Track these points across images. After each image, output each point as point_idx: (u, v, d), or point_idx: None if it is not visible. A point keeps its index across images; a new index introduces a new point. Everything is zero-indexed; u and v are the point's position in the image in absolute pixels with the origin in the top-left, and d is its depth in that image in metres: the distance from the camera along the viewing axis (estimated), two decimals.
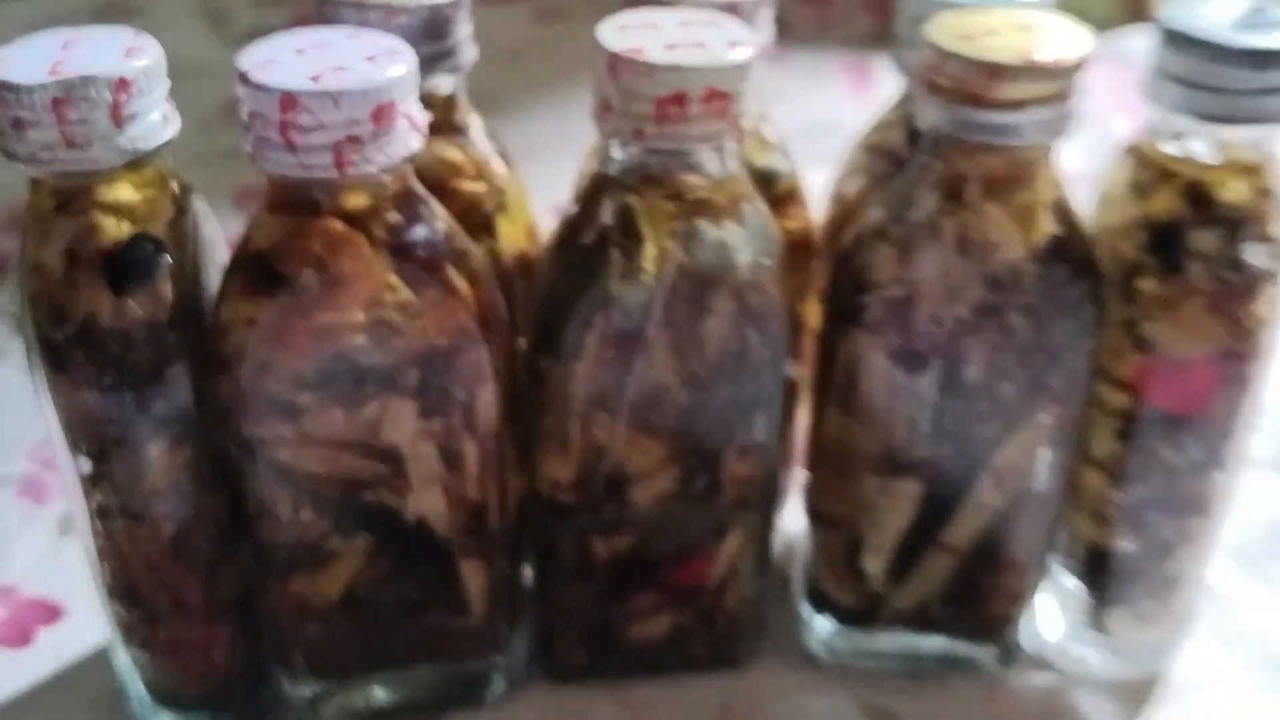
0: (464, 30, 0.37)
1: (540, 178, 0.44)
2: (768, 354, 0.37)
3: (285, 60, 0.31)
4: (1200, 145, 0.35)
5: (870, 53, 0.87)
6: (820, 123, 0.42)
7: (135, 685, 0.40)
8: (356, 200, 0.33)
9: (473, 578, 0.39)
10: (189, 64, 0.45)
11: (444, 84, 0.37)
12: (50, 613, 0.46)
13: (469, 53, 0.38)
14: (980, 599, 0.42)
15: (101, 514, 0.36)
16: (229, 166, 0.51)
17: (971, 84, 0.33)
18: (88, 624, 0.45)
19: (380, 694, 0.41)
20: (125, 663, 0.40)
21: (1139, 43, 0.42)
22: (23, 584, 0.47)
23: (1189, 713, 0.42)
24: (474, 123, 0.39)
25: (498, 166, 0.39)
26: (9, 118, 0.32)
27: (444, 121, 0.38)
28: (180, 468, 0.36)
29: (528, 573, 0.42)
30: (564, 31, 0.90)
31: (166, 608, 0.38)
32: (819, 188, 0.44)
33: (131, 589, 0.38)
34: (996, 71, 0.32)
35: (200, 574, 0.37)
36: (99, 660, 0.43)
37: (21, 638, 0.45)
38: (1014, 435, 0.38)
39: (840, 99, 0.81)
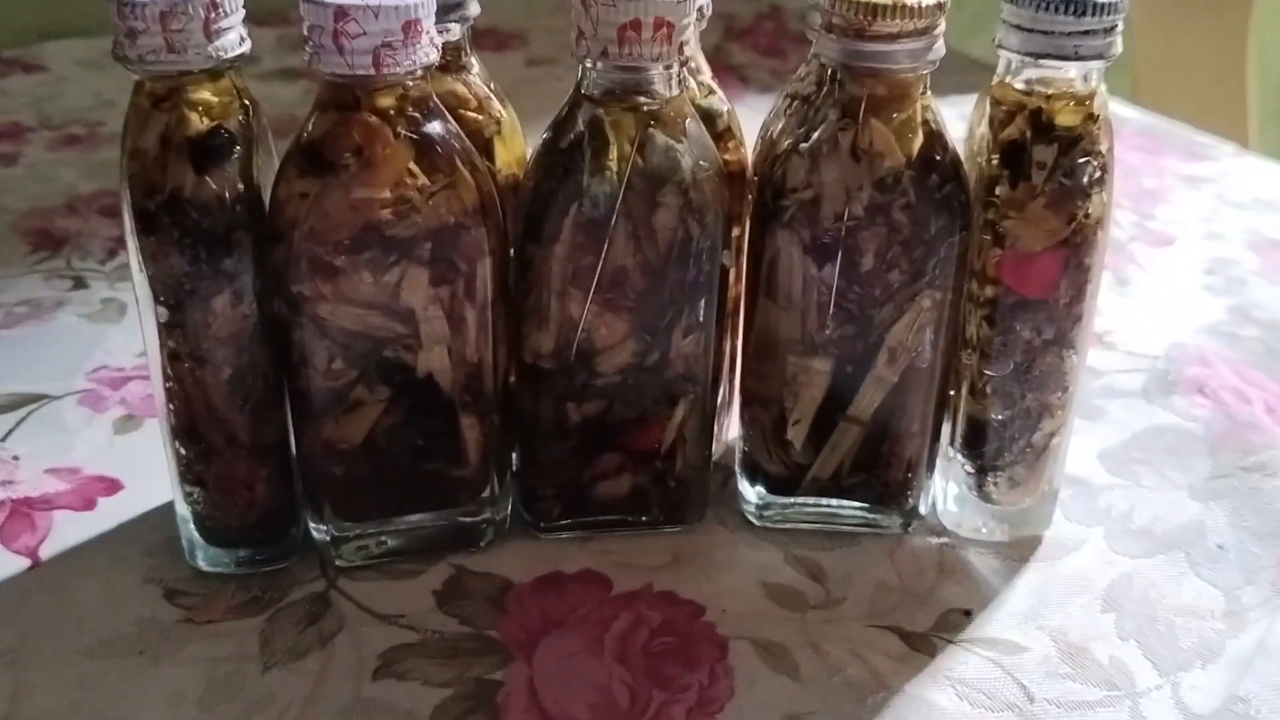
0: None
1: None
2: (706, 243, 0.46)
3: None
4: (1040, 83, 0.46)
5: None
6: None
7: (188, 528, 0.49)
8: (386, 100, 0.43)
9: (469, 431, 0.48)
10: None
11: (454, 31, 0.48)
12: (110, 486, 0.54)
13: (474, 7, 0.48)
14: (882, 466, 0.51)
15: (173, 358, 0.45)
16: None
17: (856, 21, 0.43)
18: (143, 495, 0.53)
19: (389, 540, 0.50)
20: (181, 507, 0.49)
21: None
22: (86, 466, 0.55)
23: (1061, 567, 0.51)
24: (476, 65, 0.49)
25: (496, 103, 0.50)
26: (125, 29, 0.41)
27: (452, 62, 0.48)
28: (239, 320, 0.45)
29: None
30: (549, 73, 1.02)
31: (220, 445, 0.47)
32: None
33: (192, 427, 0.46)
34: (874, 9, 0.43)
35: (249, 415, 0.46)
36: (154, 519, 0.52)
37: (86, 504, 0.53)
38: (902, 317, 0.48)
39: None
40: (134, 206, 0.43)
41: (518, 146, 0.51)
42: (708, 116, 0.50)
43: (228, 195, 0.43)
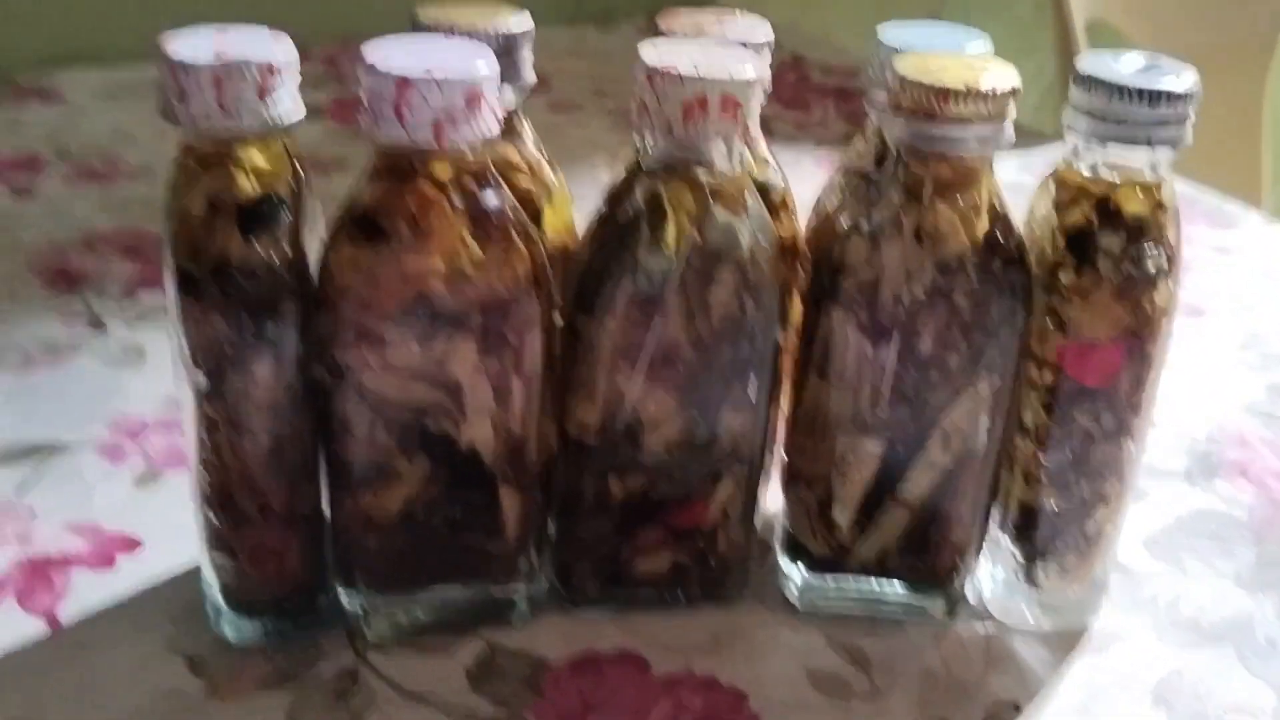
0: (527, 56, 0.47)
1: None
2: (761, 320, 0.45)
3: (399, 55, 0.40)
4: (1107, 169, 0.45)
5: (843, 149, 0.98)
6: (800, 202, 0.51)
7: (214, 595, 0.47)
8: (443, 170, 0.42)
9: (509, 504, 0.47)
10: None
11: (509, 97, 0.47)
12: (130, 544, 0.53)
13: (529, 74, 0.47)
14: (930, 550, 0.50)
15: (210, 426, 0.44)
16: None
17: (927, 104, 0.42)
18: (165, 555, 0.52)
19: (421, 613, 0.49)
20: (208, 573, 0.47)
21: None
22: (105, 522, 0.54)
23: (1109, 659, 0.50)
24: (528, 133, 0.48)
25: (547, 170, 0.48)
26: (176, 90, 0.40)
27: (506, 127, 0.47)
28: (280, 389, 0.43)
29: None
30: (572, 119, 1.01)
31: (254, 514, 0.45)
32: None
33: (226, 496, 0.45)
34: (946, 94, 0.42)
35: (285, 485, 0.45)
36: (177, 581, 0.50)
37: (105, 561, 0.52)
38: (959, 401, 0.46)
39: (817, 183, 0.91)
40: (178, 269, 0.42)
41: (566, 213, 0.50)
42: (763, 190, 0.49)
43: (276, 262, 0.42)
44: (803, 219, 0.51)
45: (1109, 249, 0.45)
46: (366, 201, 0.42)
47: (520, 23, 0.46)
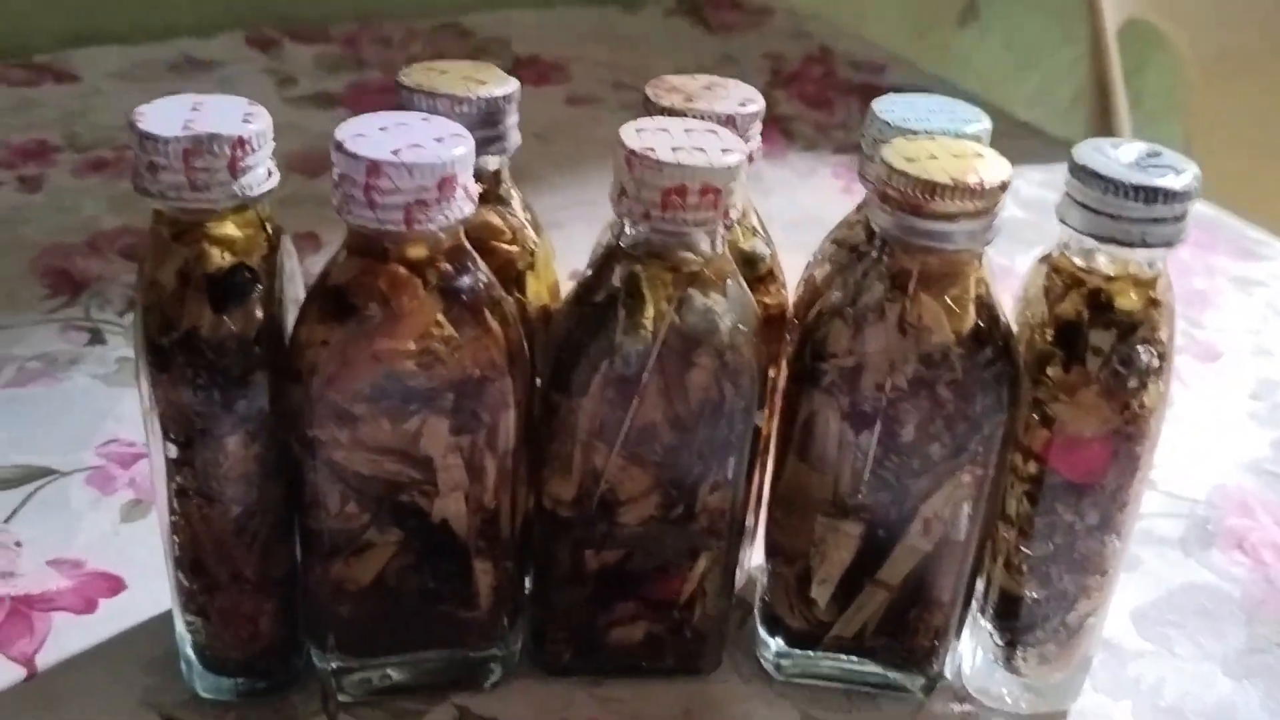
0: (512, 119, 0.46)
1: (561, 245, 0.52)
2: (740, 404, 0.44)
3: (372, 135, 0.40)
4: (1102, 260, 0.44)
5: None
6: (811, 215, 0.50)
7: (186, 650, 0.47)
8: (417, 250, 0.41)
9: (483, 576, 0.46)
10: None
11: (493, 162, 0.46)
12: (113, 585, 0.53)
13: (514, 138, 0.46)
14: (908, 631, 0.49)
15: (180, 494, 0.44)
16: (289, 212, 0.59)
17: (914, 198, 0.41)
18: (146, 597, 0.52)
19: (393, 673, 0.48)
20: (181, 630, 0.47)
21: None
22: (89, 559, 0.54)
23: None
24: (514, 195, 0.47)
25: (530, 233, 0.48)
26: (146, 162, 0.40)
27: (490, 192, 0.46)
28: (251, 459, 0.43)
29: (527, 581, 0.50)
30: (590, 114, 1.00)
31: (225, 579, 0.45)
32: (800, 271, 0.52)
33: (197, 561, 0.45)
34: (934, 189, 0.40)
35: (256, 552, 0.45)
36: (154, 628, 0.50)
37: (87, 605, 0.52)
38: (940, 489, 0.46)
39: (831, 195, 0.90)
40: (147, 341, 0.42)
41: (550, 276, 0.49)
42: (750, 260, 0.48)
43: (246, 334, 0.41)
44: (814, 241, 0.49)
45: (1098, 345, 0.43)
46: (338, 278, 0.42)
47: (504, 86, 0.45)
